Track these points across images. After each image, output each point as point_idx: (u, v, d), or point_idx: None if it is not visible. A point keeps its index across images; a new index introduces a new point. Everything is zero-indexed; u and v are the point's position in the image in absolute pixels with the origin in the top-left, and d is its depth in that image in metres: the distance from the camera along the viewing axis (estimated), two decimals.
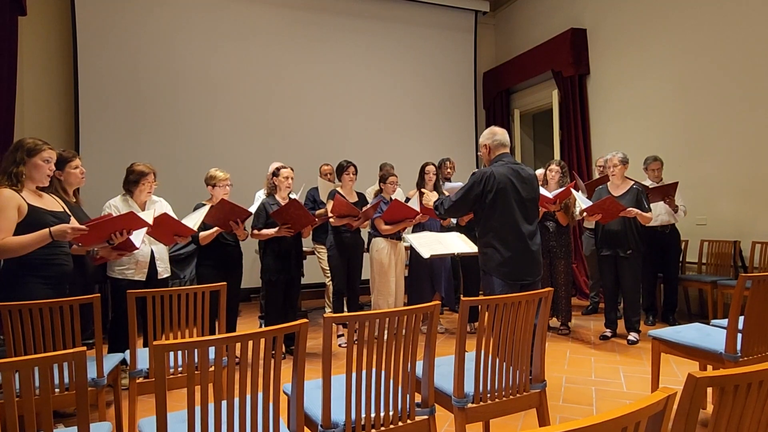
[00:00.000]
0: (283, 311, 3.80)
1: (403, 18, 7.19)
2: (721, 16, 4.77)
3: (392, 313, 1.70)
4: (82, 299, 2.11)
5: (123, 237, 2.60)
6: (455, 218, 4.08)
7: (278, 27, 6.47)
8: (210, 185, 3.66)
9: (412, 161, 5.25)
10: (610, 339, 4.15)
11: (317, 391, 1.68)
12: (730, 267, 4.64)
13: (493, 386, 1.92)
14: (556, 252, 4.35)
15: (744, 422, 1.02)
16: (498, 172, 2.73)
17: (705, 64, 4.92)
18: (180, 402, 1.56)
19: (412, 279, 4.45)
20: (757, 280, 2.23)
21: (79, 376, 1.29)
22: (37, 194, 2.41)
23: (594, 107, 6.27)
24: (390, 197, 4.27)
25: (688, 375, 0.94)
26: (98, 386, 2.16)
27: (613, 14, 5.94)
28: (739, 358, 2.27)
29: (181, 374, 2.33)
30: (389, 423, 1.72)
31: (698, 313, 4.97)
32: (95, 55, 5.63)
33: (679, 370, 3.29)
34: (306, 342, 1.54)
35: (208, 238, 3.53)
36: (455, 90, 7.56)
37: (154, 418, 1.36)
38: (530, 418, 2.53)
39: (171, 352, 1.34)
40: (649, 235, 4.39)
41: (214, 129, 6.13)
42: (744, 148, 4.60)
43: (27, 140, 2.39)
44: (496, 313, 1.87)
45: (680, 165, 4.99)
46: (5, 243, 2.18)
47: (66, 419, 2.71)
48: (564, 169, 4.42)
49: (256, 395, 1.46)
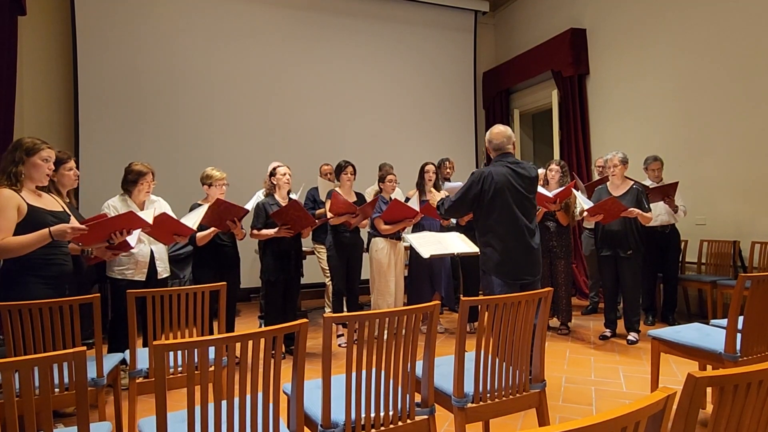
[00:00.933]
0: (283, 311, 3.79)
1: (403, 18, 7.19)
2: (720, 16, 4.77)
3: (392, 313, 1.70)
4: (81, 299, 2.11)
5: (123, 237, 2.60)
6: (456, 218, 4.08)
7: (278, 27, 6.47)
8: (206, 185, 3.62)
9: (411, 161, 5.25)
10: (610, 339, 4.15)
11: (317, 391, 1.68)
12: (730, 267, 4.64)
13: (492, 386, 1.92)
14: (556, 252, 4.35)
15: (743, 422, 1.02)
16: (496, 172, 2.73)
17: (705, 64, 4.92)
18: (180, 402, 1.56)
19: (411, 279, 4.45)
20: (756, 280, 2.23)
21: (79, 375, 1.29)
22: (36, 194, 2.40)
23: (594, 107, 6.27)
24: (389, 197, 4.27)
25: (687, 375, 0.94)
26: (98, 386, 2.16)
27: (613, 14, 5.94)
28: (739, 358, 2.27)
29: (181, 374, 2.33)
30: (389, 423, 1.72)
31: (698, 313, 4.98)
32: (95, 54, 5.63)
33: (679, 370, 3.30)
34: (306, 342, 1.54)
35: (205, 239, 3.49)
36: (455, 90, 7.56)
37: (153, 418, 1.36)
38: (530, 418, 2.53)
39: (171, 351, 1.34)
40: (649, 235, 4.39)
41: (213, 129, 6.13)
42: (744, 148, 4.61)
43: (26, 140, 2.38)
44: (496, 313, 1.87)
45: (680, 165, 4.99)
46: (5, 243, 2.18)
47: (65, 419, 2.71)
48: (564, 169, 4.42)
49: (256, 395, 1.46)
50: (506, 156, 2.83)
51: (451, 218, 3.08)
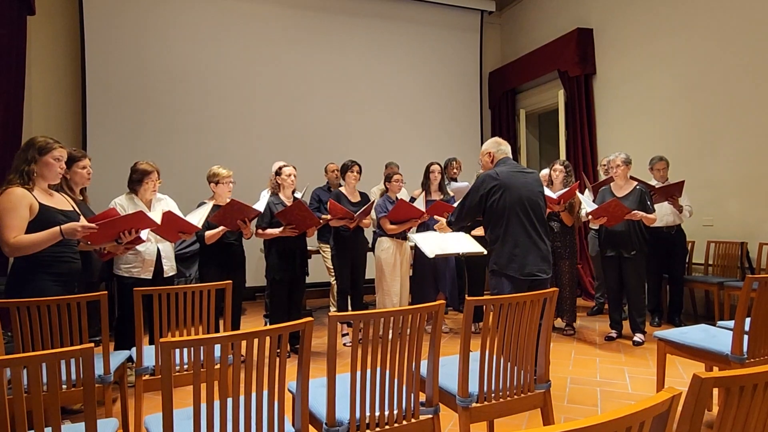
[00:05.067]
0: (288, 310, 3.80)
1: (409, 17, 7.19)
2: (728, 16, 4.74)
3: (397, 313, 1.70)
4: (89, 296, 2.13)
5: (132, 236, 2.62)
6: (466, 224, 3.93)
7: (285, 26, 6.49)
8: (212, 182, 3.65)
9: (417, 161, 5.25)
10: (616, 340, 4.13)
11: (322, 389, 1.69)
12: (737, 268, 4.61)
13: (497, 386, 1.92)
14: (560, 252, 4.33)
15: (749, 424, 1.02)
16: (501, 171, 2.76)
17: (712, 64, 4.89)
18: (186, 399, 1.57)
19: (416, 279, 4.45)
20: (764, 281, 2.22)
21: (86, 372, 1.31)
22: (48, 193, 2.43)
23: (600, 107, 6.24)
24: (396, 196, 4.27)
25: (693, 375, 0.94)
26: (105, 383, 2.18)
27: (620, 14, 5.91)
28: (746, 359, 2.25)
29: (187, 372, 2.34)
30: (393, 422, 1.72)
31: (704, 314, 4.94)
32: (103, 54, 5.67)
33: (685, 371, 3.28)
34: (311, 340, 1.55)
35: (214, 238, 3.52)
36: (461, 89, 7.55)
37: (160, 415, 1.37)
38: (535, 418, 2.53)
39: (177, 349, 1.35)
40: (655, 235, 4.37)
41: (220, 127, 6.15)
42: (751, 149, 4.57)
43: (38, 139, 2.41)
44: (501, 313, 1.87)
45: (687, 165, 4.96)
46: (17, 241, 2.22)
47: (72, 415, 2.73)
48: (568, 169, 4.40)
49: (261, 393, 1.46)
50: (508, 160, 2.87)
51: (462, 224, 3.08)
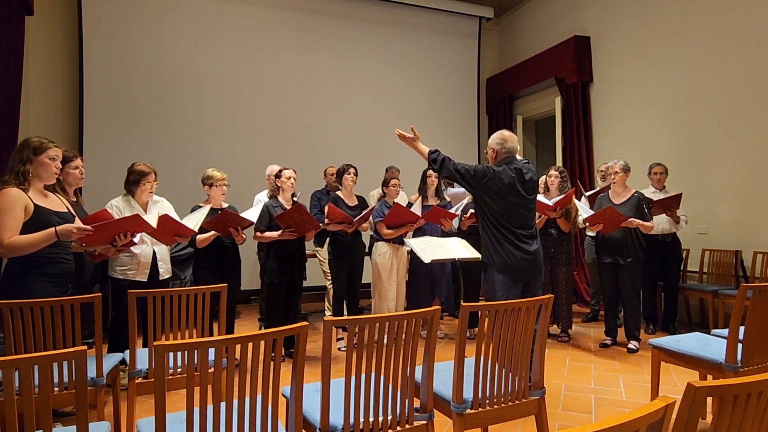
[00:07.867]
0: (284, 314, 3.79)
1: (407, 23, 7.22)
2: (724, 25, 4.78)
3: (392, 318, 1.70)
4: (83, 298, 2.11)
5: (126, 239, 2.61)
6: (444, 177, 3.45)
7: (283, 31, 6.50)
8: (207, 185, 3.63)
9: (414, 166, 5.25)
10: (610, 347, 4.14)
11: (316, 394, 1.68)
12: (732, 276, 4.63)
13: (492, 392, 1.91)
14: (557, 259, 4.34)
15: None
16: (503, 173, 2.78)
17: (708, 72, 4.93)
18: (179, 403, 1.56)
19: (411, 283, 4.45)
20: (758, 290, 2.23)
21: (79, 375, 1.30)
22: (43, 194, 2.42)
23: (597, 114, 6.27)
24: (393, 201, 4.28)
25: (687, 384, 0.94)
26: (97, 386, 2.16)
27: (618, 22, 5.95)
28: (740, 368, 2.26)
29: (181, 375, 2.33)
30: (387, 427, 1.71)
31: (699, 322, 4.96)
32: (101, 55, 5.66)
33: (679, 379, 3.28)
34: (306, 345, 1.54)
35: (205, 242, 3.50)
36: (458, 96, 7.57)
37: (152, 419, 1.36)
38: (529, 425, 2.52)
39: (171, 352, 1.35)
40: (651, 243, 4.38)
41: (217, 130, 6.15)
42: (746, 157, 4.60)
43: (33, 139, 2.40)
44: (496, 319, 1.87)
45: (682, 173, 4.99)
46: (12, 242, 2.20)
47: (64, 418, 2.70)
48: (564, 175, 4.41)
49: (255, 397, 1.46)
50: (513, 160, 2.87)
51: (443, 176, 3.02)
